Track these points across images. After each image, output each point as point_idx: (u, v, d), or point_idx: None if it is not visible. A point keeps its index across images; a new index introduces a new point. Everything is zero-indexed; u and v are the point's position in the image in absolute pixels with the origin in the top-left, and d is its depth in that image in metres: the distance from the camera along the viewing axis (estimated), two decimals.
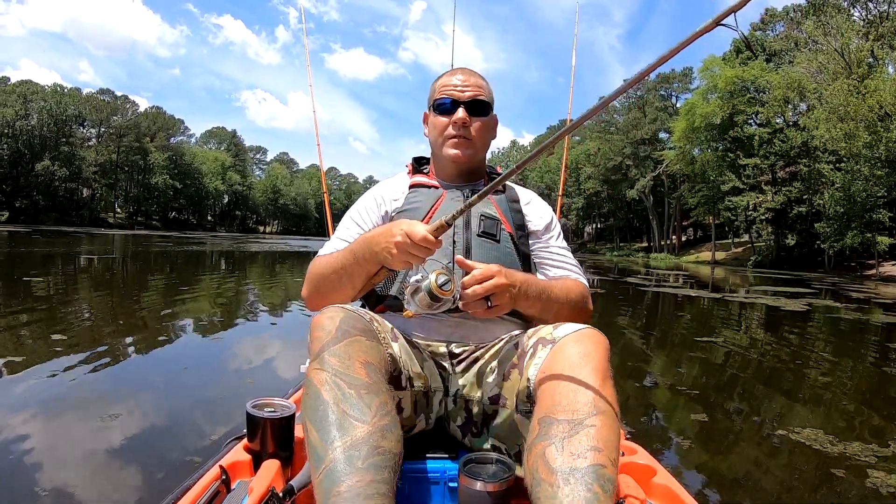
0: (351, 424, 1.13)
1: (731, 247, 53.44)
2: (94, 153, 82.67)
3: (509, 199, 1.90)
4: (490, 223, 1.76)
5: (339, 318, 1.34)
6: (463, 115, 1.78)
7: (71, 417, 3.42)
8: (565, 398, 1.21)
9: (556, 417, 1.18)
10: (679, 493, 1.45)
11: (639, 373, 5.55)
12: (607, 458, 1.11)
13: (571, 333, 1.35)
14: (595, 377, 1.23)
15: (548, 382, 1.28)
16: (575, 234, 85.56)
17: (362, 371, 1.23)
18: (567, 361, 1.28)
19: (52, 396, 3.78)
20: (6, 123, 70.32)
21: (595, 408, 1.18)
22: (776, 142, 39.37)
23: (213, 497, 1.30)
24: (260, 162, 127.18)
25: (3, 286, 10.14)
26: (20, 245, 23.22)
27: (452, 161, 1.84)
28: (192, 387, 4.27)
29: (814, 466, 3.28)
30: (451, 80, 1.85)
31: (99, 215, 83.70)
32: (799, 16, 40.84)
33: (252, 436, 1.47)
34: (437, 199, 1.82)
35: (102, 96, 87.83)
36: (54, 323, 6.39)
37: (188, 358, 5.29)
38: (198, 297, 9.89)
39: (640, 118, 65.49)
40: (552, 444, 1.14)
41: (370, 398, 1.19)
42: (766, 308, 12.98)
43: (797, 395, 5.08)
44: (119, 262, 18.12)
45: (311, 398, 1.20)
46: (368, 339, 1.34)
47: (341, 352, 1.26)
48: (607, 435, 1.15)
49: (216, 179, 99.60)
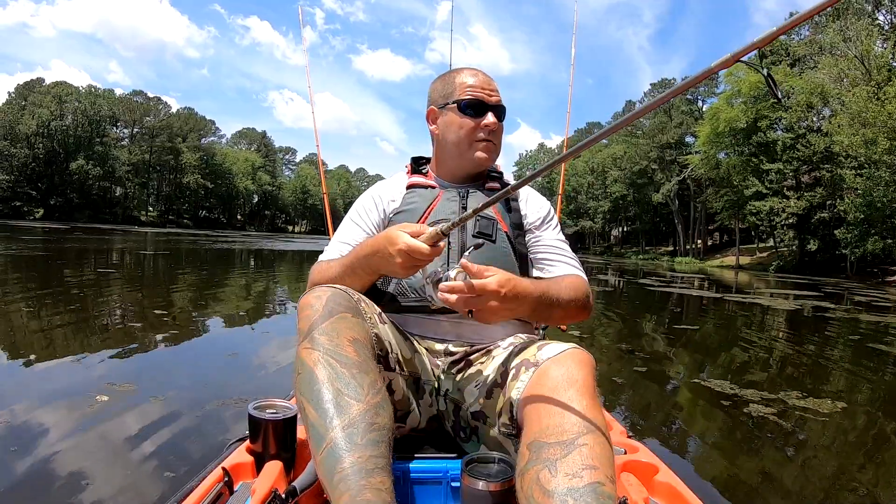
0: (347, 403, 1.17)
1: (755, 251, 53.09)
2: (127, 153, 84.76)
3: (507, 198, 1.88)
4: (486, 223, 1.77)
5: (326, 296, 1.38)
6: (494, 120, 1.79)
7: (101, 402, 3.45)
8: (553, 421, 1.19)
9: (547, 441, 1.16)
10: (682, 490, 1.44)
11: (639, 367, 5.58)
12: (604, 475, 1.09)
13: (554, 356, 1.34)
14: (581, 399, 1.21)
15: (532, 406, 1.27)
16: (601, 236, 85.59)
17: (350, 349, 1.27)
18: (550, 385, 1.26)
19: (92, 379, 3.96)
20: (42, 123, 72.71)
21: (584, 427, 1.16)
22: (799, 147, 39.28)
23: (216, 499, 1.31)
24: (290, 163, 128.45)
25: (41, 277, 11.35)
26: (64, 241, 24.97)
27: (478, 164, 1.84)
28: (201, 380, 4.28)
29: (819, 466, 3.32)
30: (476, 81, 1.83)
31: (131, 213, 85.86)
32: (824, 19, 40.54)
33: (254, 437, 1.48)
34: (433, 199, 1.83)
35: (136, 98, 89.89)
36: (119, 303, 7.34)
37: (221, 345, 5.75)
38: (229, 291, 10.68)
39: (665, 122, 65.63)
40: (546, 468, 1.11)
41: (361, 377, 1.23)
42: (759, 307, 13.76)
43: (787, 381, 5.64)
44: (174, 258, 19.27)
45: (305, 377, 1.24)
46: (354, 317, 1.37)
47: (329, 329, 1.29)
48: (600, 452, 1.13)
49: (246, 179, 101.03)
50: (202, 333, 6.29)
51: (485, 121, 1.78)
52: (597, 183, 77.37)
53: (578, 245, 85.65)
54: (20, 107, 74.44)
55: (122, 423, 3.14)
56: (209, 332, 6.37)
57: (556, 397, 1.23)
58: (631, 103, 77.31)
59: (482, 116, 1.78)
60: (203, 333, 6.29)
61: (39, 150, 73.05)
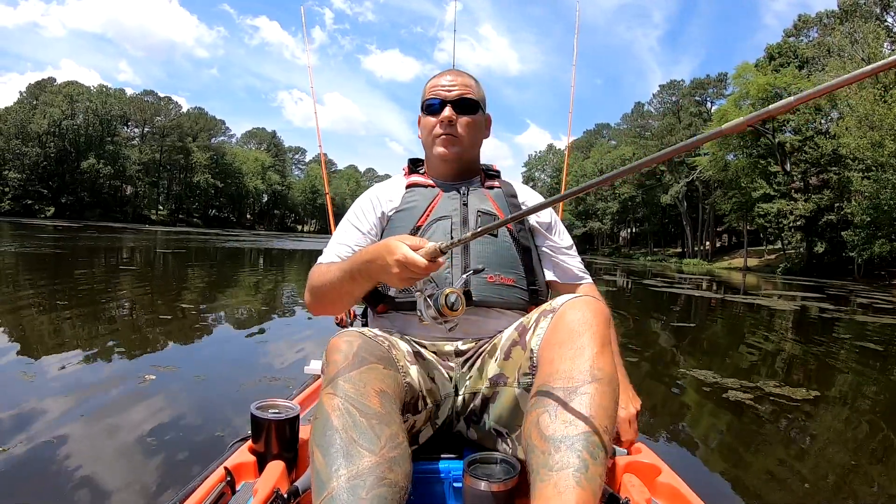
0: (358, 453, 1.11)
1: (763, 253, 52.91)
2: (137, 152, 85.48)
3: (507, 195, 1.91)
4: (487, 219, 1.79)
5: (357, 343, 1.34)
6: (449, 113, 1.82)
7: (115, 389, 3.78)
8: (563, 366, 1.23)
9: (553, 386, 1.20)
10: (684, 491, 1.44)
11: (639, 368, 5.67)
12: (599, 426, 1.12)
13: (571, 300, 1.38)
14: (593, 344, 1.24)
15: (548, 350, 1.30)
16: (610, 238, 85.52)
17: (376, 400, 1.22)
18: (567, 328, 1.30)
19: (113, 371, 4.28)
20: (53, 123, 73.49)
21: (591, 375, 1.19)
22: (807, 149, 39.21)
23: (218, 499, 1.30)
24: (299, 162, 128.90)
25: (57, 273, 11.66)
26: (80, 239, 25.77)
27: (440, 158, 1.87)
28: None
29: (823, 467, 3.36)
30: (439, 81, 1.89)
31: (142, 212, 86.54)
32: (833, 21, 40.38)
33: (256, 437, 1.48)
34: (433, 197, 1.85)
35: (146, 97, 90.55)
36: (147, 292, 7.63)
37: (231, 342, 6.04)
38: (246, 286, 10.95)
39: (674, 124, 65.56)
40: (546, 412, 1.16)
41: (381, 428, 1.16)
42: (758, 307, 14.16)
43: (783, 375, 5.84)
44: (191, 255, 19.87)
45: (320, 423, 1.18)
46: (386, 367, 1.33)
47: (356, 378, 1.24)
48: (601, 402, 1.16)
49: (256, 179, 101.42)
50: (228, 323, 6.85)
51: (440, 116, 1.83)
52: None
53: (587, 246, 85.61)
54: (31, 106, 75.18)
55: (174, 392, 3.83)
56: (235, 321, 6.94)
57: (570, 341, 1.27)
58: (640, 105, 77.30)
59: (440, 113, 1.83)
60: (229, 323, 6.87)
61: (51, 148, 73.82)
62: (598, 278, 23.14)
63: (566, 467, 1.07)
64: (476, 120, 1.87)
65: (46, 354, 4.62)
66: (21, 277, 10.08)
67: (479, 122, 1.89)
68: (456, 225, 1.78)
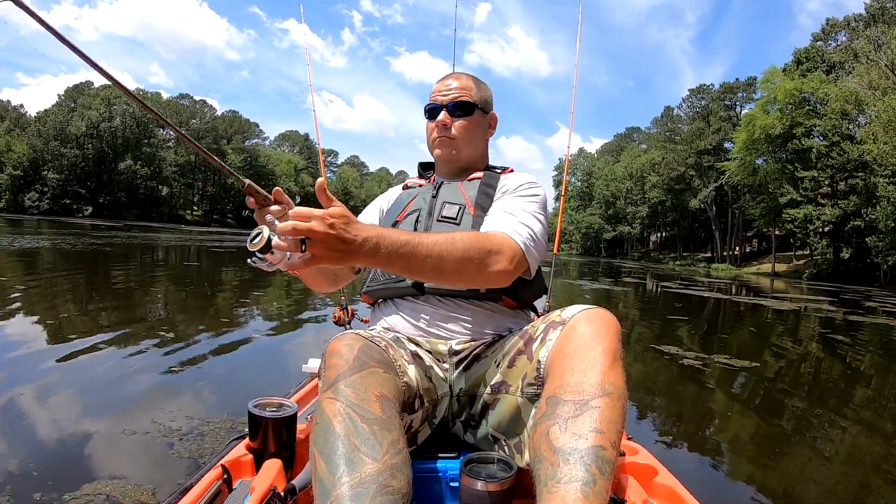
0: (361, 460, 1.11)
1: (792, 259, 52.43)
2: (173, 154, 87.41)
3: (484, 184, 1.88)
4: (452, 208, 1.81)
5: (357, 346, 1.33)
6: (443, 118, 1.87)
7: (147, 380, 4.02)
8: (574, 378, 1.22)
9: (563, 398, 1.20)
10: (680, 492, 1.44)
11: (641, 367, 5.84)
12: (608, 441, 1.12)
13: (582, 312, 1.36)
14: (605, 358, 1.24)
15: (558, 361, 1.30)
16: (640, 242, 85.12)
17: (377, 405, 1.21)
18: (579, 341, 1.28)
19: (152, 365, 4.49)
20: (91, 125, 75.89)
21: (602, 389, 1.19)
22: (833, 154, 38.92)
23: (215, 496, 1.30)
24: (331, 164, 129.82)
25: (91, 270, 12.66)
26: (133, 238, 27.02)
27: (438, 160, 1.96)
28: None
29: (823, 467, 3.38)
30: (436, 86, 1.95)
31: (177, 212, 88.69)
32: (860, 25, 39.88)
33: (254, 435, 1.48)
34: (417, 194, 1.95)
35: (182, 101, 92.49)
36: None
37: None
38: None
39: (703, 128, 65.19)
40: (556, 424, 1.16)
41: (383, 434, 1.16)
42: (759, 306, 15.00)
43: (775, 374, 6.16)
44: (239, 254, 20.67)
45: (322, 428, 1.18)
46: (385, 371, 1.32)
47: (357, 383, 1.24)
48: (610, 416, 1.16)
49: (289, 181, 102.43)
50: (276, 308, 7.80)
51: (436, 120, 1.89)
52: (635, 188, 77.10)
53: (616, 250, 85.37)
54: (70, 109, 77.74)
55: (187, 381, 4.22)
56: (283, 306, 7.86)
57: (581, 354, 1.26)
58: (669, 109, 76.93)
59: (437, 117, 1.89)
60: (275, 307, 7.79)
61: (89, 150, 76.23)
62: (616, 280, 23.43)
63: (575, 480, 1.08)
64: (472, 121, 1.90)
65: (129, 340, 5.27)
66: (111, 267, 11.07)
67: (475, 123, 1.92)
68: (422, 216, 1.82)
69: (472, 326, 1.70)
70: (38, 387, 3.73)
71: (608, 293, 16.36)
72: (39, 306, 6.86)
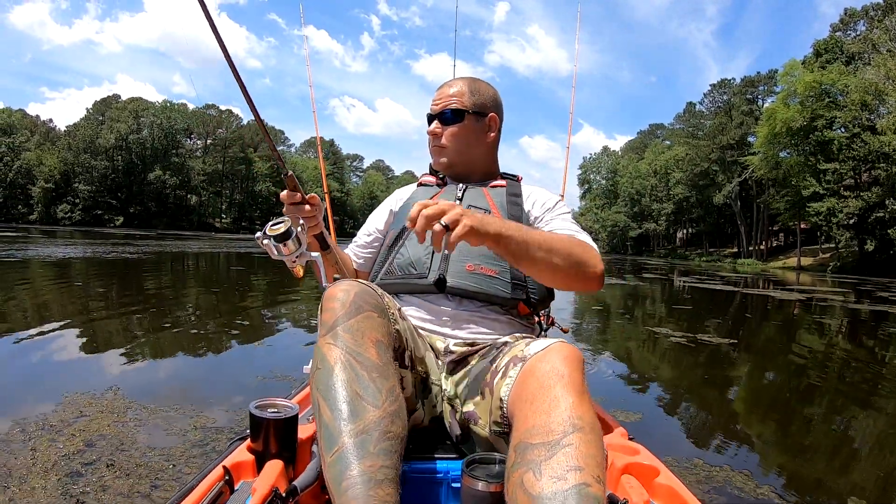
0: (363, 408, 1.14)
1: (818, 252, 51.97)
2: (201, 163, 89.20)
3: (509, 193, 1.91)
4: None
5: (354, 291, 1.33)
6: (433, 127, 1.93)
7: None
8: (539, 420, 1.13)
9: (532, 442, 1.11)
10: (682, 493, 1.40)
11: (641, 367, 5.76)
12: (590, 476, 1.03)
13: (539, 352, 1.29)
14: (567, 394, 1.15)
15: (519, 405, 1.22)
16: (666, 239, 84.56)
17: (373, 351, 1.24)
18: (537, 381, 1.21)
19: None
20: (120, 137, 78.33)
21: (571, 426, 1.10)
22: (855, 146, 38.70)
23: (217, 498, 1.30)
24: (357, 169, 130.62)
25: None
26: (166, 246, 28.12)
27: (434, 167, 2.03)
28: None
29: (825, 468, 3.37)
30: (435, 95, 1.99)
31: (206, 220, 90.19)
32: (879, 14, 39.40)
33: (255, 436, 1.48)
34: (434, 194, 1.95)
35: (208, 111, 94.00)
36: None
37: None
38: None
39: (726, 123, 64.82)
40: (530, 471, 1.06)
41: (381, 382, 1.19)
42: (765, 297, 15.51)
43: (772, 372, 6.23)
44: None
45: (323, 374, 1.20)
46: (380, 316, 1.33)
47: (354, 327, 1.26)
48: (587, 451, 1.06)
49: (316, 187, 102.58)
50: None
51: (429, 129, 1.96)
52: (660, 185, 76.80)
53: (643, 247, 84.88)
54: (98, 122, 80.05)
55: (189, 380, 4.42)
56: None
57: (542, 394, 1.18)
58: (691, 104, 76.50)
59: (430, 127, 1.97)
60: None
61: (118, 161, 78.69)
62: (635, 275, 23.83)
63: None
64: (463, 128, 1.92)
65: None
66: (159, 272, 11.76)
67: (467, 129, 1.93)
68: None
69: (480, 329, 1.73)
70: (36, 386, 3.86)
71: (635, 289, 16.83)
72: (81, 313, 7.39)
